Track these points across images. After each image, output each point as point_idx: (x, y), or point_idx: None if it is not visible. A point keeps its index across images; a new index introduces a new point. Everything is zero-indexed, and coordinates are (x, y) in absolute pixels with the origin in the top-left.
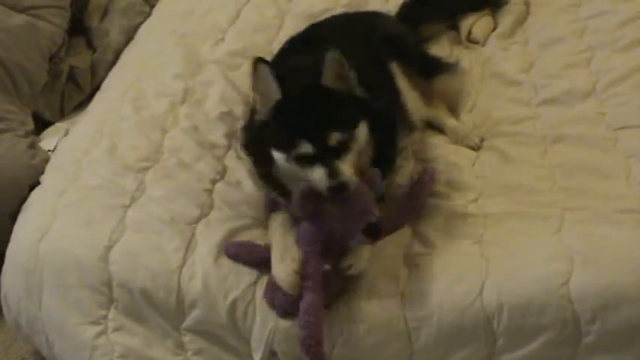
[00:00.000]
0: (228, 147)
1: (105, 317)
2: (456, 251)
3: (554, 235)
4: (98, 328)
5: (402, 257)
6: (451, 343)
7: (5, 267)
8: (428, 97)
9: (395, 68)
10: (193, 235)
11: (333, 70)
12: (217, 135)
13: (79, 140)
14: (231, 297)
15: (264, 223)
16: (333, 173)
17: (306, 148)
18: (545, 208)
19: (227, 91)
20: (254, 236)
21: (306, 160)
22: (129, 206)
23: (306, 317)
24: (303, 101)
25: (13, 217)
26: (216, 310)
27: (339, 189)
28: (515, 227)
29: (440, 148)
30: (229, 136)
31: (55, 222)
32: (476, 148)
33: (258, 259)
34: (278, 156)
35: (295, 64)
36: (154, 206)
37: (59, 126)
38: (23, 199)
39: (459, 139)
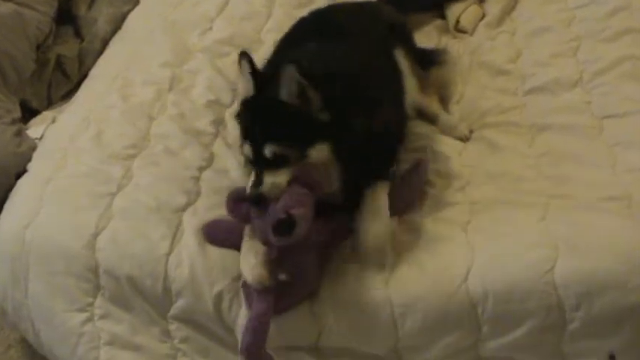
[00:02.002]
0: (216, 134)
1: (91, 304)
2: (441, 238)
3: (540, 223)
4: (84, 315)
5: (389, 244)
6: (436, 330)
7: None
8: (424, 86)
9: (399, 54)
10: (180, 222)
11: (289, 86)
12: (204, 122)
13: (66, 128)
14: (217, 288)
15: None
16: (256, 183)
17: (247, 150)
18: (531, 195)
19: (214, 79)
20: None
21: (249, 162)
22: (115, 194)
23: (254, 322)
24: (256, 108)
25: (0, 205)
26: (202, 300)
27: (253, 200)
28: (501, 215)
29: (427, 137)
30: (216, 123)
31: (42, 209)
32: (464, 140)
33: (236, 239)
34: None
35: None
36: (141, 194)
37: (46, 114)
38: (10, 187)
39: (448, 131)
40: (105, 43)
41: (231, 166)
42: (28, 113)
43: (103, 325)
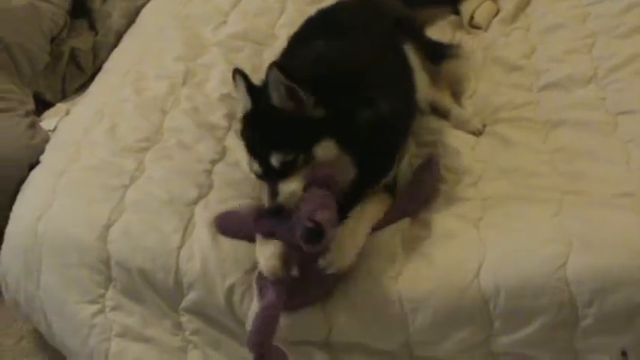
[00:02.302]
0: (229, 128)
1: (103, 296)
2: (453, 234)
3: (553, 219)
4: (96, 307)
5: (399, 240)
6: (448, 326)
7: (4, 246)
8: (435, 81)
9: (408, 49)
10: (192, 215)
11: (278, 90)
12: (218, 116)
13: (79, 121)
14: (229, 281)
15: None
16: (273, 194)
17: (256, 167)
18: (544, 191)
19: (228, 73)
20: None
21: (260, 177)
22: (128, 186)
23: (263, 313)
24: (254, 121)
25: (13, 197)
26: (213, 293)
27: (274, 212)
28: (514, 210)
29: (439, 132)
30: (230, 117)
31: (55, 201)
32: (477, 134)
33: (249, 231)
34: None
35: (305, 55)
36: (153, 187)
37: (60, 107)
38: (23, 179)
39: (460, 125)
40: (119, 37)
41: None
42: (42, 106)
43: (115, 316)
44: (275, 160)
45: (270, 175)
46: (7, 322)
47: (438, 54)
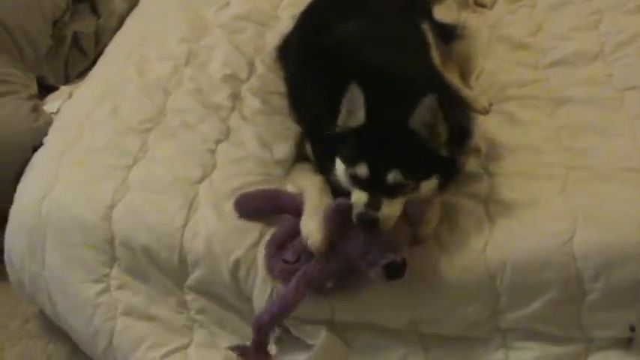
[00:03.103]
0: (232, 108)
1: (107, 275)
2: (459, 211)
3: (559, 194)
4: (101, 286)
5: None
6: (455, 302)
7: (9, 226)
8: (445, 61)
9: (426, 28)
10: (196, 194)
11: (424, 116)
12: (221, 97)
13: (82, 103)
14: (233, 257)
15: (270, 180)
16: (372, 204)
17: (363, 170)
18: (550, 167)
19: (231, 54)
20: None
21: (357, 181)
22: (132, 166)
23: (286, 300)
24: (384, 132)
25: (17, 179)
26: (218, 270)
27: (367, 222)
28: (520, 187)
29: None
30: (233, 97)
31: (58, 182)
32: (484, 113)
33: (265, 211)
34: (339, 165)
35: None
36: (157, 166)
37: (63, 90)
38: (26, 161)
39: (468, 104)
40: (121, 20)
41: (248, 139)
42: (45, 90)
43: (120, 295)
44: (392, 177)
45: (375, 187)
46: (12, 305)
47: (447, 34)
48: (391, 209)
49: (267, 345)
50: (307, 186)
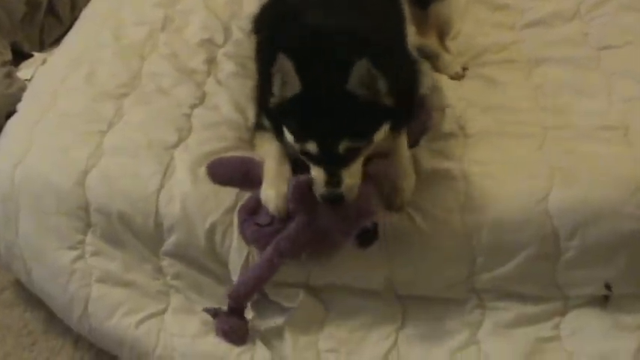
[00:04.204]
0: (208, 73)
1: (82, 242)
2: (436, 171)
3: (535, 153)
4: (75, 253)
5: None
6: (430, 263)
7: None
8: (422, 26)
9: None
10: (172, 159)
11: (361, 79)
12: (197, 61)
13: (56, 69)
14: (209, 220)
15: (244, 144)
16: (332, 182)
17: (312, 147)
18: (528, 126)
19: (207, 19)
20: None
21: (310, 157)
22: (106, 132)
23: (260, 270)
24: (323, 101)
25: None
26: (194, 234)
27: (333, 200)
28: (497, 146)
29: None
30: (209, 62)
31: (32, 149)
32: (458, 78)
33: (237, 178)
34: (288, 136)
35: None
36: (132, 131)
37: (38, 56)
38: (0, 129)
39: (442, 69)
40: None
41: (223, 103)
42: (21, 57)
43: (95, 262)
44: (343, 147)
45: (330, 160)
46: None
47: None
48: (352, 179)
49: (243, 310)
50: (266, 154)
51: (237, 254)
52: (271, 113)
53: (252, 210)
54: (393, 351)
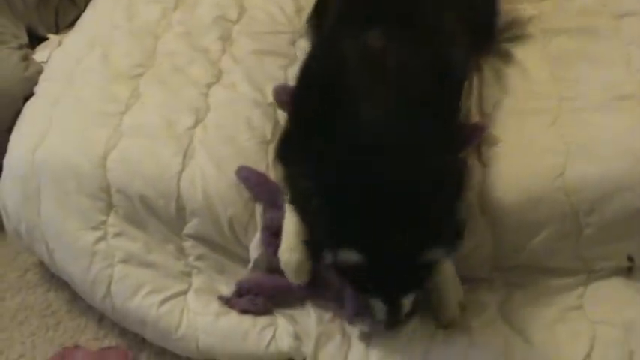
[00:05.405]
0: (223, 51)
1: (104, 223)
2: None
3: (550, 128)
4: (98, 234)
5: None
6: None
7: (3, 177)
8: None
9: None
10: (191, 140)
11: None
12: (211, 38)
13: (72, 50)
14: (230, 211)
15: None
16: (393, 314)
17: (378, 305)
18: (542, 100)
19: None
20: (252, 137)
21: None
22: (124, 113)
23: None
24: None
25: (9, 130)
26: (216, 222)
27: (392, 328)
28: (512, 124)
29: None
30: (223, 39)
31: (51, 131)
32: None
33: (263, 193)
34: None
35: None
36: (150, 112)
37: (53, 39)
38: (18, 112)
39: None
40: None
41: (239, 81)
42: (36, 40)
43: (117, 243)
44: (409, 299)
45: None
46: (11, 256)
47: None
48: (409, 303)
49: None
50: (289, 208)
51: (258, 244)
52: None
53: (276, 232)
54: (419, 326)
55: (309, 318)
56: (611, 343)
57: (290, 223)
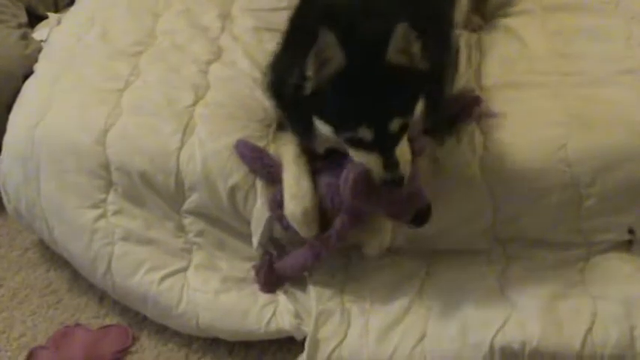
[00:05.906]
0: (222, 28)
1: (104, 201)
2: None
3: (552, 101)
4: (97, 212)
5: None
6: (453, 216)
7: (2, 156)
8: None
9: None
10: (191, 117)
11: (400, 45)
12: (211, 16)
13: (71, 28)
14: (231, 181)
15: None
16: (390, 165)
17: (366, 134)
18: (543, 74)
19: None
20: (252, 113)
21: (360, 144)
22: (123, 90)
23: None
24: (367, 79)
25: (9, 108)
26: (216, 194)
27: (395, 184)
28: (513, 96)
29: None
30: (223, 17)
31: (50, 109)
32: (477, 29)
33: (263, 166)
34: (325, 129)
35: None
36: (149, 89)
37: (52, 17)
38: (18, 90)
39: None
40: None
41: (239, 58)
42: (36, 19)
43: (117, 220)
44: (396, 125)
45: (384, 142)
46: (11, 235)
47: None
48: (405, 157)
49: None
50: (285, 159)
51: (260, 214)
52: (298, 107)
53: (282, 204)
54: (417, 300)
55: (310, 297)
56: (612, 319)
57: (288, 165)
